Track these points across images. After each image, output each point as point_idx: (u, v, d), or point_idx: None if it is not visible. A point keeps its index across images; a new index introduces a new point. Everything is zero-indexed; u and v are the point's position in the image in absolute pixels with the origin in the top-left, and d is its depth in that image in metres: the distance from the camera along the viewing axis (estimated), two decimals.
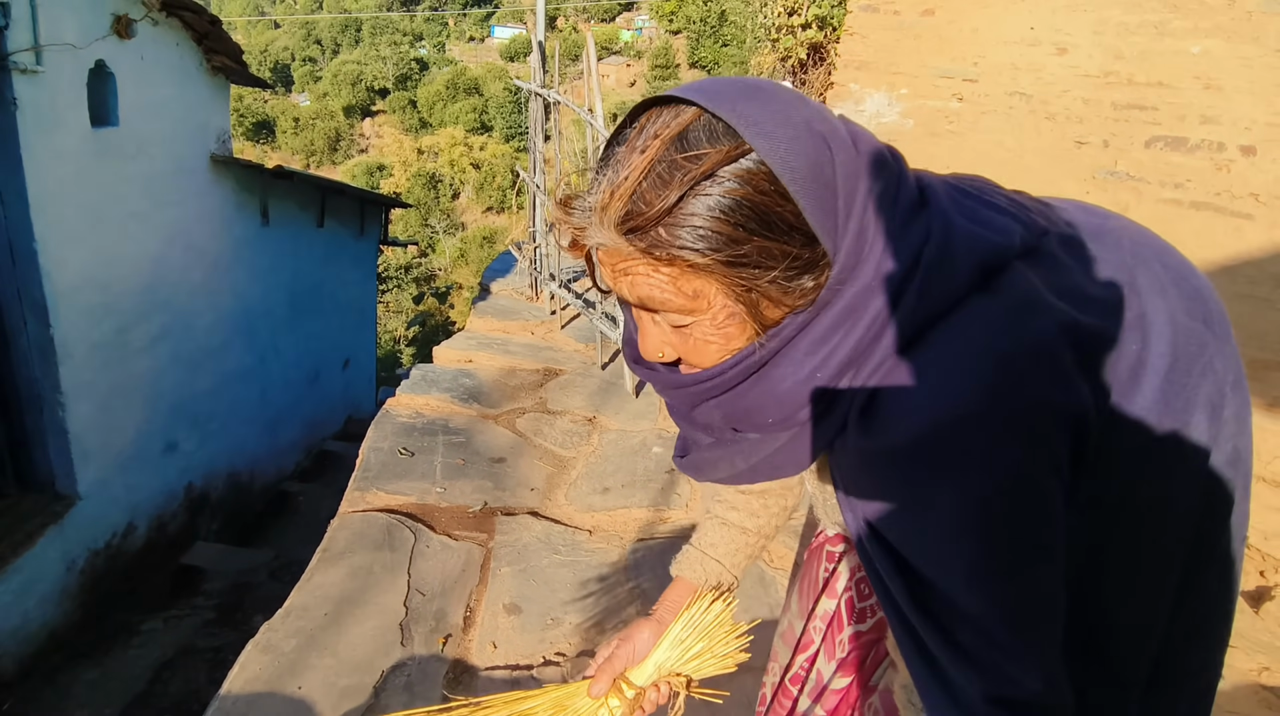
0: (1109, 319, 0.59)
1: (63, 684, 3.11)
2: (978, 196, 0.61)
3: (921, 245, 0.55)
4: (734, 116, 0.52)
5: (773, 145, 0.51)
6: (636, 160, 0.52)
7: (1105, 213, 0.69)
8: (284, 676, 1.74)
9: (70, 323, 3.08)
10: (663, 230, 0.52)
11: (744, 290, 0.54)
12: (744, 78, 0.56)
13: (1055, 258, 0.60)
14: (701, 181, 0.51)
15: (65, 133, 2.97)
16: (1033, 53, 2.57)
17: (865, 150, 0.56)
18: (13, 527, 3.00)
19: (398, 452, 2.66)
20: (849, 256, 0.54)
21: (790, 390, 0.58)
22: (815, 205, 0.52)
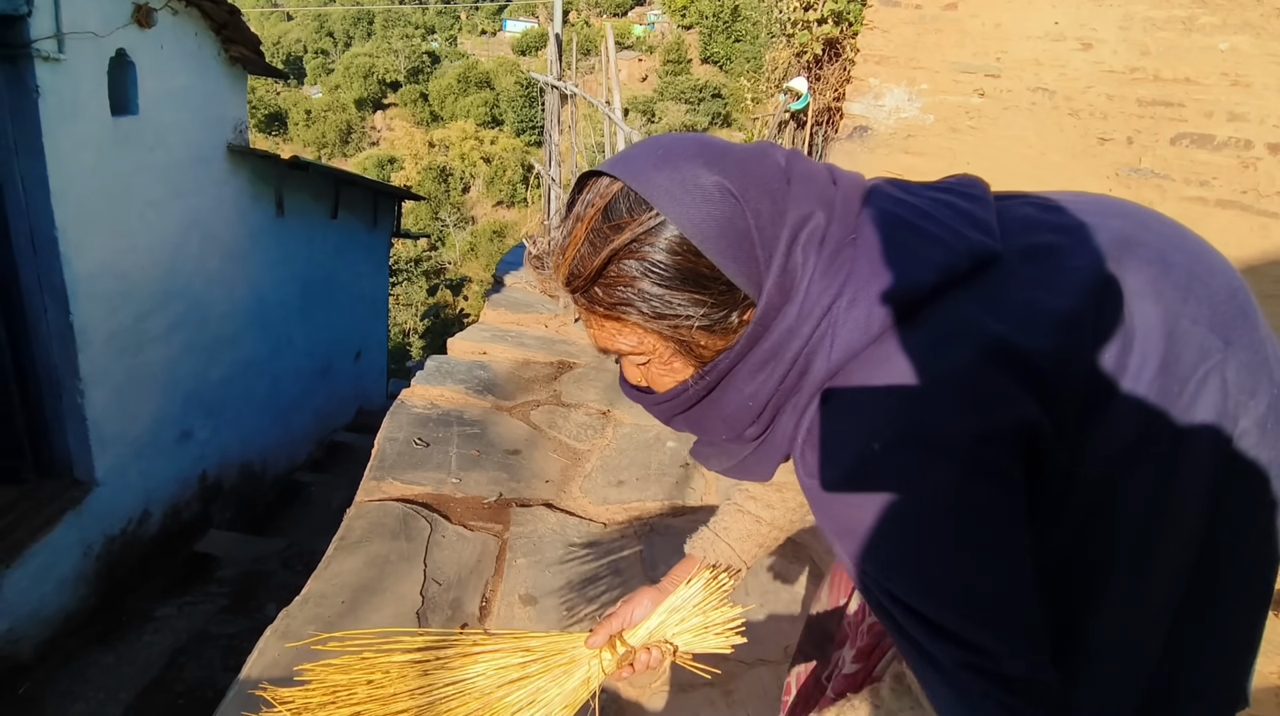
0: (1067, 333, 0.57)
1: (78, 668, 3.14)
2: (913, 224, 0.61)
3: (841, 287, 0.59)
4: (646, 187, 0.59)
5: (681, 209, 0.58)
6: (576, 229, 0.62)
7: (1111, 208, 0.67)
8: (302, 663, 1.75)
9: (89, 310, 3.10)
10: (598, 290, 0.61)
11: (674, 335, 0.62)
12: (667, 142, 0.63)
13: (1009, 274, 0.60)
14: (623, 249, 0.59)
15: (86, 120, 2.98)
16: (1057, 48, 2.55)
17: (800, 192, 0.61)
18: (31, 512, 3.02)
19: (413, 443, 2.67)
20: (773, 297, 0.59)
21: (733, 413, 0.65)
22: (728, 258, 0.58)
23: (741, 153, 0.62)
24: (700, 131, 27.72)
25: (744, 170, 0.60)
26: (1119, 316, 0.58)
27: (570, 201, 0.65)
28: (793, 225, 0.59)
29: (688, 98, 32.33)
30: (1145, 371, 0.58)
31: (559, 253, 0.63)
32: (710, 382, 0.64)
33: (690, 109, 31.75)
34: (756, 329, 0.60)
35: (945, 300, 0.58)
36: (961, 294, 0.58)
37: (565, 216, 0.64)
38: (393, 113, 37.83)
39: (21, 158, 2.77)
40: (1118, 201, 0.69)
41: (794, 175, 0.62)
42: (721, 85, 32.85)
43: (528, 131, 33.59)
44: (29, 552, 2.93)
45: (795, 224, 0.60)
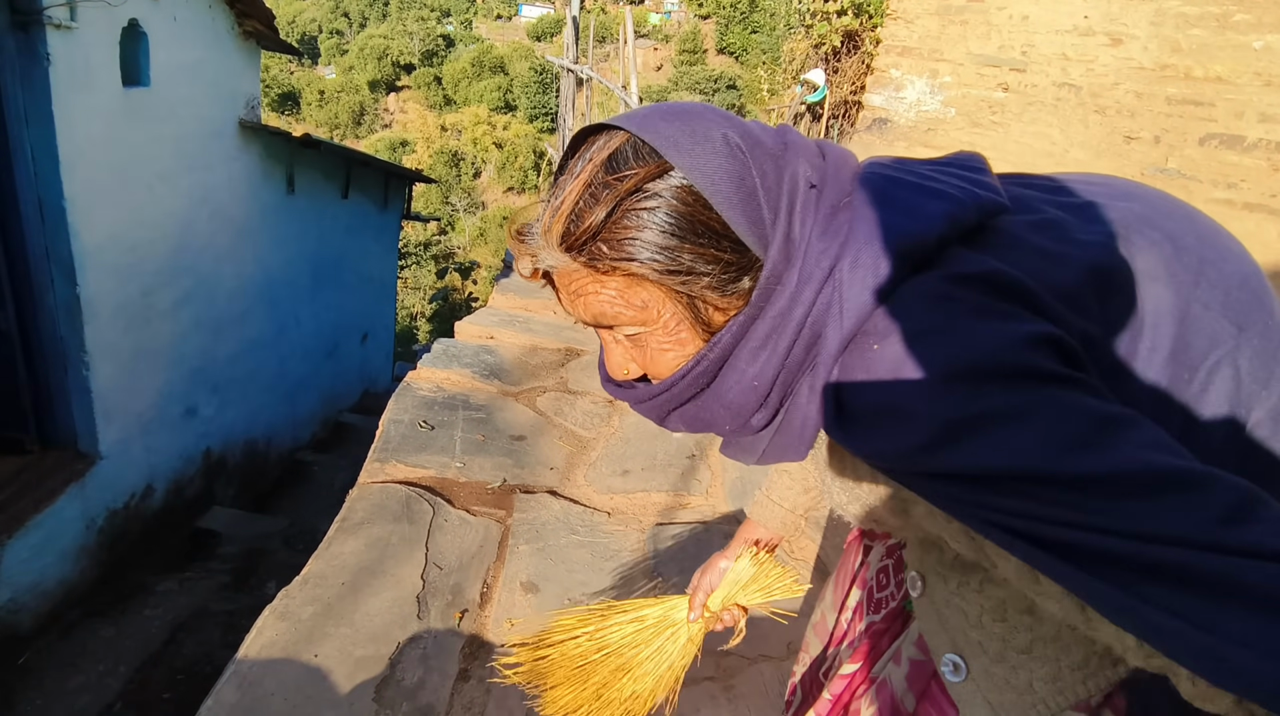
0: (1069, 309, 0.54)
1: (79, 640, 3.14)
2: (912, 183, 0.58)
3: (841, 248, 0.56)
4: (655, 137, 0.56)
5: (691, 160, 0.55)
6: (572, 184, 0.57)
7: (1120, 190, 0.64)
8: (300, 643, 1.73)
9: (97, 282, 3.08)
10: (601, 245, 0.56)
11: (684, 294, 0.58)
12: (673, 103, 0.60)
13: (1016, 240, 0.57)
14: (628, 197, 0.55)
15: (97, 91, 2.96)
16: (1085, 43, 2.49)
17: (794, 157, 0.59)
18: (35, 484, 3.02)
19: (418, 426, 2.65)
20: (777, 260, 0.56)
21: (736, 398, 0.61)
22: (738, 213, 0.56)
23: (740, 120, 0.61)
24: None
25: (746, 132, 0.59)
26: (1128, 298, 0.56)
27: (563, 161, 0.61)
28: (791, 182, 0.58)
29: (702, 88, 32.14)
30: (1156, 357, 0.55)
31: (552, 210, 0.58)
32: (711, 364, 0.60)
33: (705, 99, 31.56)
34: (760, 297, 0.57)
35: (953, 254, 0.55)
36: (969, 249, 0.56)
37: (558, 176, 0.60)
38: (406, 95, 37.74)
39: (31, 126, 2.74)
40: (1127, 183, 0.66)
41: (789, 143, 0.60)
42: (736, 76, 32.65)
43: (540, 118, 33.46)
44: (31, 524, 2.92)
45: (793, 184, 0.58)
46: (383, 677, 1.67)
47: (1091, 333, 0.54)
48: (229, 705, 1.55)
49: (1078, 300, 0.55)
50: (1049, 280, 0.54)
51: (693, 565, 2.12)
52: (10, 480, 2.99)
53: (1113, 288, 0.56)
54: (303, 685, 1.63)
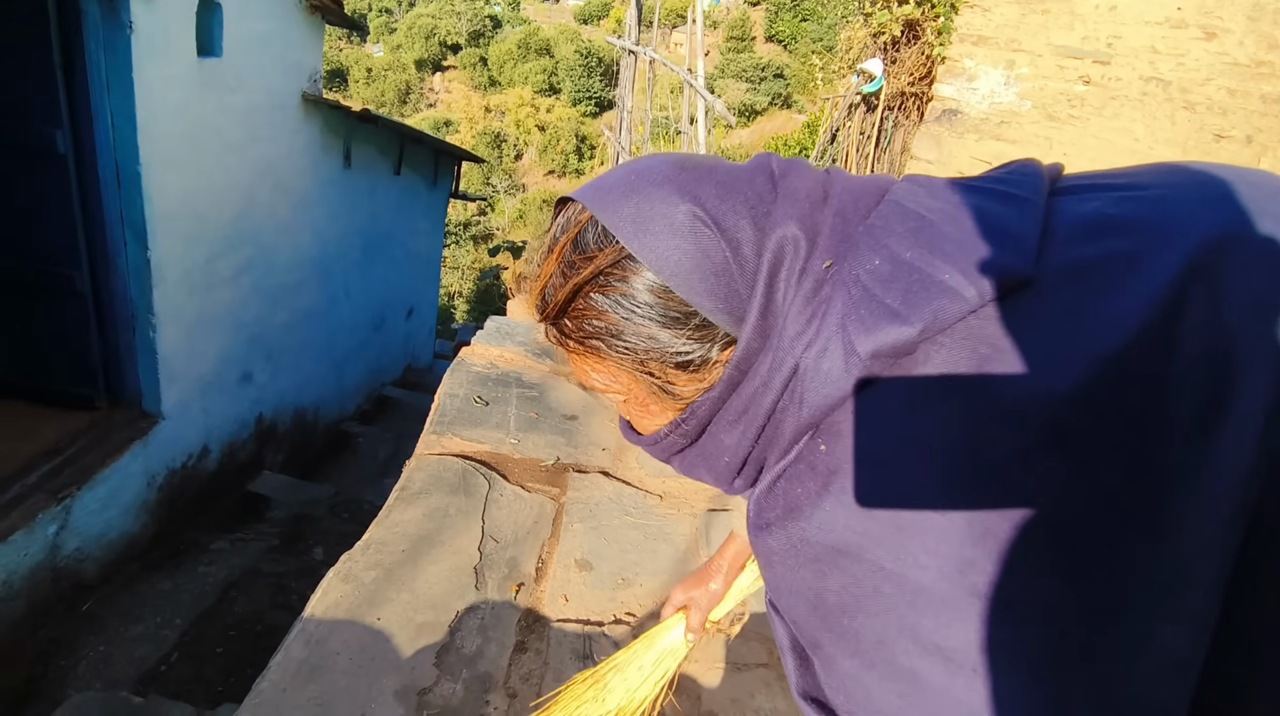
0: (1107, 373, 0.44)
1: (138, 591, 3.25)
2: (908, 255, 0.50)
3: (815, 331, 0.51)
4: (612, 218, 0.54)
5: (647, 243, 0.53)
6: (548, 259, 0.58)
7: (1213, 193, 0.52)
8: (363, 606, 1.77)
9: (166, 247, 3.16)
10: (567, 322, 0.58)
11: (646, 373, 0.57)
12: (643, 167, 0.57)
13: (1041, 300, 0.47)
14: (588, 283, 0.55)
15: (174, 60, 3.02)
16: (1176, 35, 2.40)
17: (783, 216, 0.54)
18: (103, 439, 3.12)
19: (473, 401, 2.68)
20: (752, 338, 0.53)
21: (715, 463, 0.60)
22: (701, 295, 0.53)
23: (726, 171, 0.57)
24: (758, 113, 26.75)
25: (724, 192, 0.55)
26: (1205, 346, 0.44)
27: (550, 225, 0.61)
28: (773, 252, 0.53)
29: (749, 76, 31.76)
30: (1250, 422, 0.43)
31: (532, 281, 0.60)
32: (690, 430, 0.59)
33: (751, 88, 31.20)
34: (734, 374, 0.55)
35: (944, 342, 0.48)
36: (967, 333, 0.48)
37: (543, 242, 0.61)
38: (451, 75, 37.95)
39: (112, 93, 2.81)
40: (1223, 178, 0.53)
41: (781, 193, 0.55)
42: (784, 65, 32.19)
43: (584, 101, 33.41)
44: (98, 478, 3.03)
45: (776, 251, 0.53)
46: (443, 644, 1.70)
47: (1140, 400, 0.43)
48: (297, 660, 1.59)
49: (1126, 359, 0.44)
50: (1080, 341, 0.45)
51: None
52: (80, 434, 3.09)
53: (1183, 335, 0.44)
54: (366, 646, 1.67)
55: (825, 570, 0.49)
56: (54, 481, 2.91)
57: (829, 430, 0.50)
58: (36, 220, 2.92)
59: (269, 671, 1.57)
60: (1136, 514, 0.43)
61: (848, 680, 0.49)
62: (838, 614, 0.49)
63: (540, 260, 0.59)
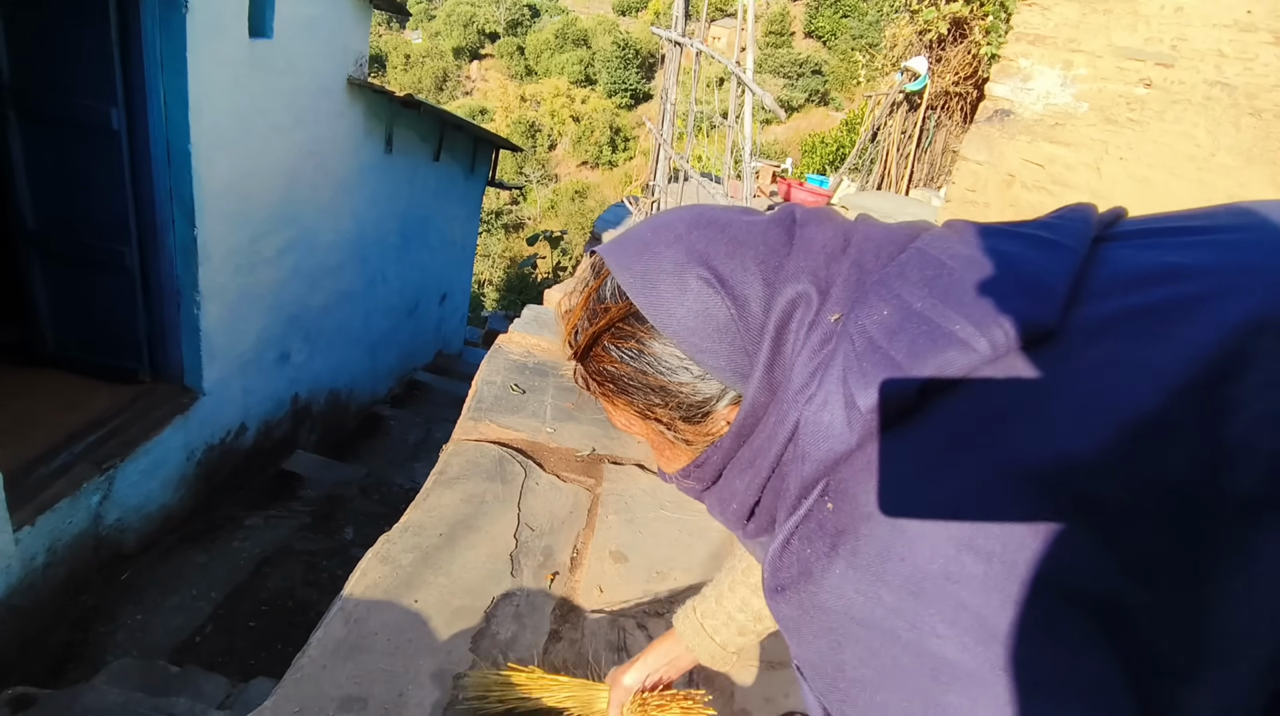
0: (1141, 440, 0.40)
1: (175, 564, 3.32)
2: (919, 312, 0.48)
3: (818, 384, 0.50)
4: (624, 276, 0.56)
5: (654, 301, 0.55)
6: (577, 303, 0.61)
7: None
8: (401, 588, 1.78)
9: (213, 226, 3.21)
10: (590, 365, 0.60)
11: (655, 420, 0.59)
12: (661, 222, 0.59)
13: (1068, 356, 0.44)
14: (603, 333, 0.58)
15: (226, 40, 3.06)
16: (1246, 39, 2.32)
17: (796, 271, 0.54)
18: (146, 412, 3.19)
19: (510, 388, 2.69)
20: (758, 392, 0.53)
21: (730, 507, 0.61)
22: (705, 354, 0.54)
23: (741, 227, 0.57)
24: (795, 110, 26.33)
25: (735, 248, 0.55)
26: (1273, 411, 0.40)
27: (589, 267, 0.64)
28: (783, 309, 0.53)
29: (786, 72, 31.47)
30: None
31: (563, 319, 0.62)
32: (705, 476, 0.60)
33: (788, 84, 30.92)
34: (742, 427, 0.55)
35: (954, 397, 0.45)
36: (980, 388, 0.45)
37: (579, 284, 0.63)
38: (488, 64, 38.11)
39: (166, 72, 2.86)
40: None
41: (797, 246, 0.55)
42: (823, 62, 31.84)
43: (620, 93, 33.35)
44: (140, 450, 3.09)
45: (786, 308, 0.53)
46: (479, 629, 1.70)
47: (1180, 464, 0.40)
48: (336, 639, 1.61)
49: (1164, 425, 0.40)
50: (1109, 404, 0.42)
51: None
52: (124, 407, 3.16)
53: (1234, 396, 0.40)
54: (403, 627, 1.68)
55: (840, 641, 0.47)
56: (98, 452, 2.98)
57: (836, 487, 0.49)
58: (89, 196, 2.98)
59: (309, 648, 1.59)
60: (1181, 589, 0.39)
61: None
62: (858, 688, 0.46)
63: (571, 304, 0.62)
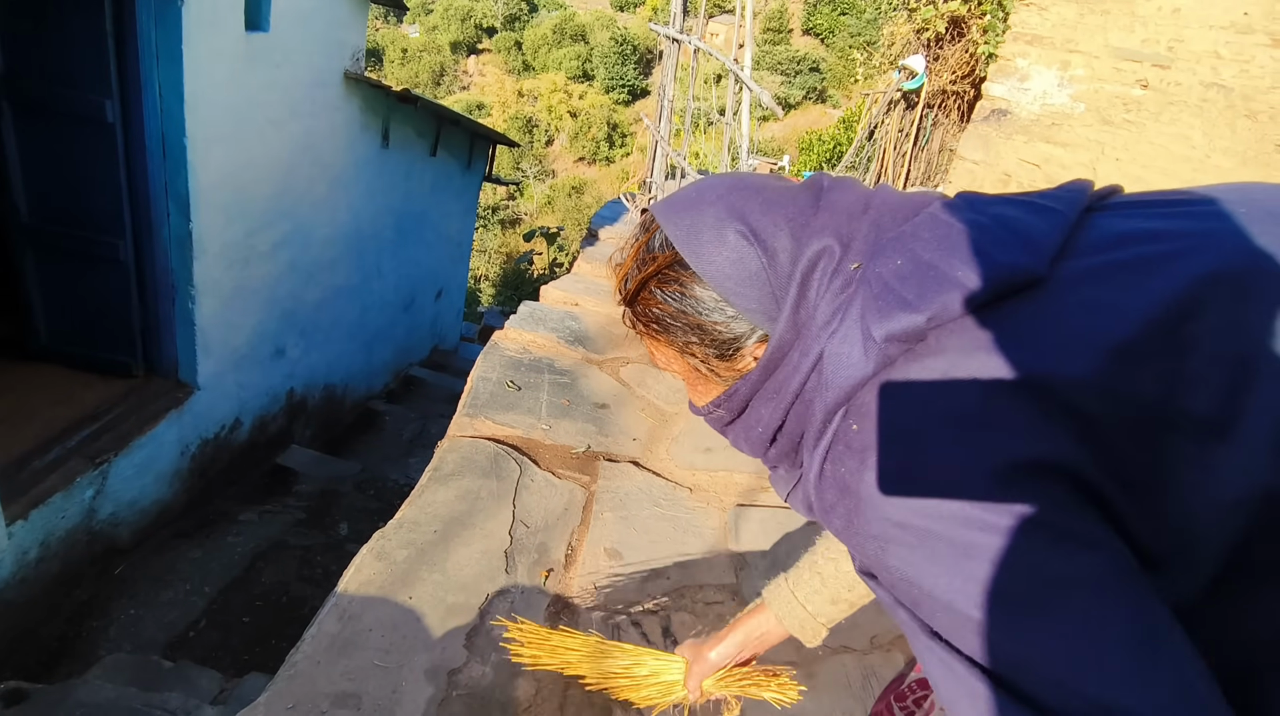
0: (1120, 363, 0.49)
1: (169, 558, 3.32)
2: (926, 261, 0.56)
3: (839, 322, 0.58)
4: (672, 229, 0.65)
5: (695, 252, 0.63)
6: (628, 253, 0.70)
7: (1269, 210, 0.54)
8: (395, 584, 1.78)
9: (208, 220, 3.20)
10: (636, 308, 0.70)
11: (690, 356, 0.68)
12: (705, 186, 0.67)
13: (1056, 298, 0.53)
14: (650, 279, 0.67)
15: (222, 33, 3.04)
16: (1242, 41, 2.33)
17: (821, 228, 0.62)
18: (140, 407, 3.18)
19: (505, 385, 2.68)
20: (784, 332, 0.61)
21: (753, 437, 0.69)
22: (738, 297, 0.63)
23: (775, 190, 0.65)
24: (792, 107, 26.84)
25: (768, 208, 0.63)
26: (1225, 348, 0.48)
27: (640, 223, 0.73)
28: (809, 260, 0.61)
29: (784, 69, 31.43)
30: (1272, 410, 0.47)
31: (614, 269, 0.72)
32: (733, 407, 0.68)
33: (786, 80, 30.88)
34: (770, 361, 0.63)
35: (957, 330, 0.54)
36: (980, 322, 0.53)
37: (631, 239, 0.72)
38: (486, 59, 37.97)
39: (161, 64, 2.84)
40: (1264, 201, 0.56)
41: (823, 207, 0.63)
42: (820, 59, 31.81)
43: (618, 89, 33.28)
44: (134, 445, 3.08)
45: (811, 259, 0.61)
46: (473, 626, 1.71)
47: (1156, 389, 0.48)
48: (330, 635, 1.61)
49: (1138, 351, 0.49)
50: (1092, 334, 0.50)
51: (774, 552, 2.11)
52: (118, 402, 3.15)
53: (1200, 332, 0.48)
54: (398, 623, 1.68)
55: (884, 544, 0.54)
56: (92, 446, 2.97)
57: (858, 410, 0.56)
58: (83, 188, 2.97)
59: (303, 644, 1.59)
60: (1147, 492, 0.48)
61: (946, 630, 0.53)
62: (906, 584, 0.53)
63: (624, 254, 0.71)
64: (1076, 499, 0.48)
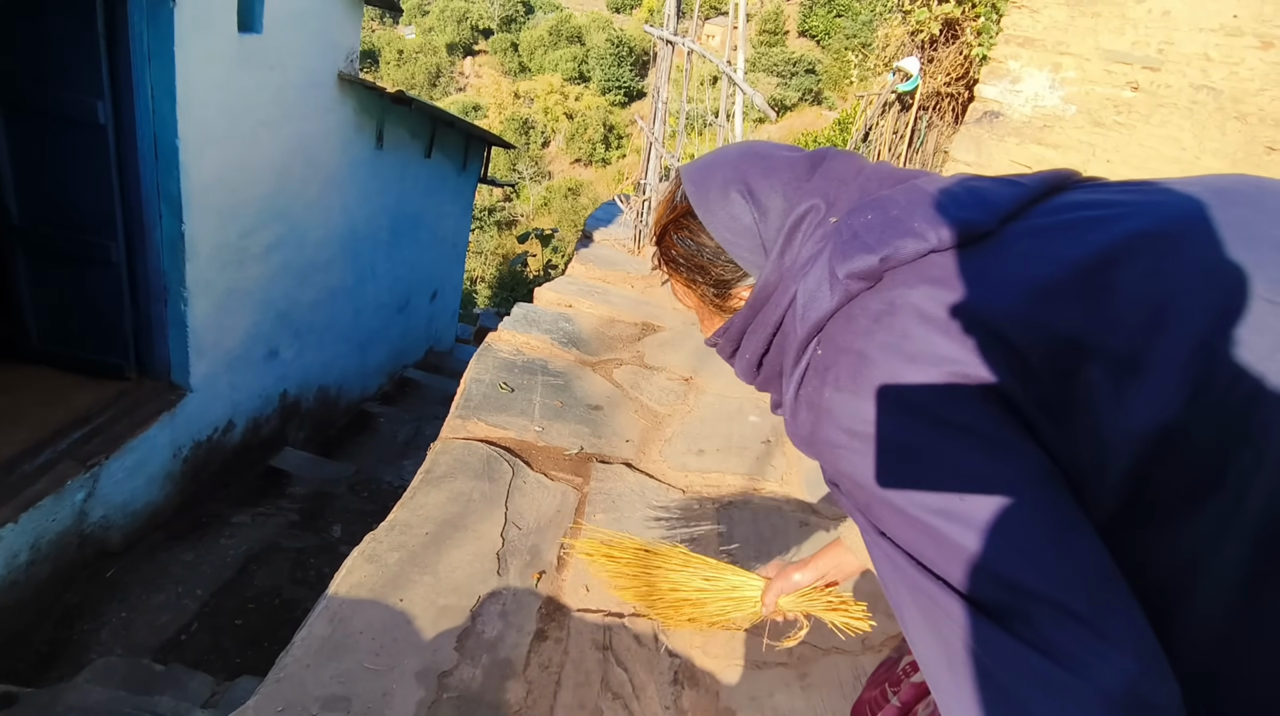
0: (1046, 302, 0.56)
1: (161, 561, 3.30)
2: (890, 209, 0.66)
3: (813, 263, 0.68)
4: (689, 186, 0.78)
5: (704, 207, 0.76)
6: (660, 204, 0.84)
7: (1211, 188, 0.60)
8: (386, 587, 1.78)
9: (200, 221, 3.19)
10: (661, 247, 0.84)
11: (696, 290, 0.82)
12: (722, 153, 0.79)
13: (999, 249, 0.62)
14: (670, 224, 0.81)
15: (215, 35, 3.03)
16: (1232, 43, 2.34)
17: (813, 191, 0.72)
18: (132, 409, 3.16)
19: (499, 386, 2.68)
20: (769, 275, 0.72)
21: (744, 364, 0.80)
22: (733, 245, 0.75)
23: (779, 159, 0.76)
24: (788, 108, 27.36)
25: (767, 173, 0.74)
26: (1146, 293, 0.55)
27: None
28: (797, 216, 0.71)
29: (780, 70, 31.48)
30: (1180, 351, 0.52)
31: (655, 212, 0.86)
32: (732, 336, 0.79)
33: (782, 82, 30.93)
34: (756, 299, 0.74)
35: (910, 270, 0.63)
36: (930, 264, 0.62)
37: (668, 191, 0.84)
38: (482, 60, 37.96)
39: (153, 66, 2.83)
40: (1233, 182, 0.62)
41: (818, 174, 0.73)
42: (816, 61, 31.86)
43: (614, 90, 33.30)
44: (126, 447, 3.07)
45: (799, 215, 0.71)
46: (464, 628, 1.70)
47: (1076, 325, 0.55)
48: (320, 637, 1.61)
49: (1060, 291, 0.56)
50: (1022, 276, 0.58)
51: (767, 550, 2.11)
52: (110, 404, 3.14)
53: (1108, 283, 0.56)
54: (389, 626, 1.68)
55: (838, 451, 0.63)
56: (83, 449, 2.95)
57: (824, 338, 0.67)
58: (75, 190, 2.95)
59: (293, 647, 1.58)
60: (1066, 418, 0.55)
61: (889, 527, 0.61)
62: (858, 491, 0.63)
63: (659, 201, 0.86)
64: (1004, 414, 0.55)
